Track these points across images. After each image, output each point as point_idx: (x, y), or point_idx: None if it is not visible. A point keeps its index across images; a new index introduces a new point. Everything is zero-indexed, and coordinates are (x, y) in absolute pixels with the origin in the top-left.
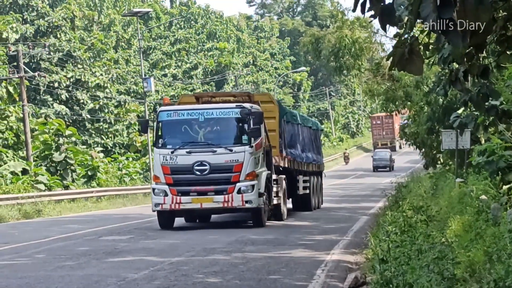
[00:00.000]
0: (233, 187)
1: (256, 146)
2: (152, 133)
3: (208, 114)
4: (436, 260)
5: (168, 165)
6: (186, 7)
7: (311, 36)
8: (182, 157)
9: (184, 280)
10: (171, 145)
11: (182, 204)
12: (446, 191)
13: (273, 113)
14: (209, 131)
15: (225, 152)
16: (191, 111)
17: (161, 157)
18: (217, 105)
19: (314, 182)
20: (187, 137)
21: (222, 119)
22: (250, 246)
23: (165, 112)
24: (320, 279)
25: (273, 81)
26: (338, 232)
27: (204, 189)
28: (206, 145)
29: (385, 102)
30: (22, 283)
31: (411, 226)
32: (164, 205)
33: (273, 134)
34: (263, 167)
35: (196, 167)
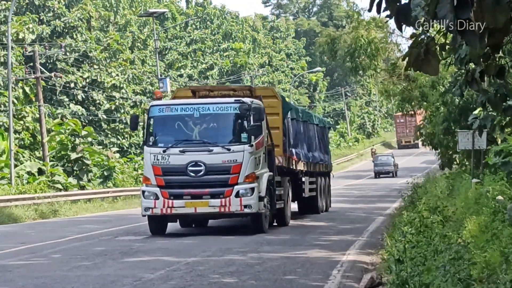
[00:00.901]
0: (231, 190)
1: (256, 145)
2: (143, 130)
3: (204, 110)
4: (452, 260)
5: (159, 166)
6: (202, 8)
7: (327, 37)
8: (174, 157)
9: (200, 281)
10: (162, 143)
11: (174, 208)
12: (462, 191)
13: (276, 109)
14: (205, 128)
15: (222, 151)
16: (185, 106)
17: (152, 157)
18: (214, 99)
19: (321, 184)
20: (180, 134)
21: (219, 115)
22: (266, 247)
23: (156, 107)
24: (336, 280)
25: (289, 81)
26: (354, 232)
27: (199, 192)
28: (202, 144)
29: (401, 103)
30: (39, 283)
31: (427, 226)
32: (154, 209)
33: (276, 132)
34: (265, 168)
35: (190, 167)
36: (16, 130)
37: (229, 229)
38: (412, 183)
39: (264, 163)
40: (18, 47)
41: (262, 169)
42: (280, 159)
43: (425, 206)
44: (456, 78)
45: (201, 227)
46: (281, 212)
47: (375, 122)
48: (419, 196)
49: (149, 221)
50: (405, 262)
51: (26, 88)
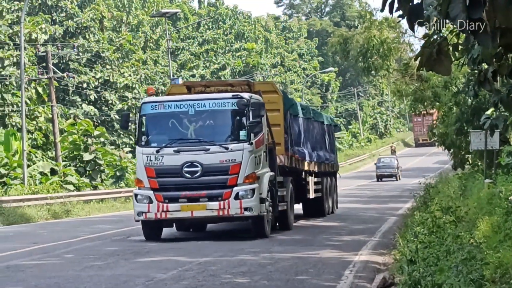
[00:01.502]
0: (230, 192)
1: (256, 143)
2: (134, 129)
3: (200, 106)
4: (465, 261)
5: (152, 167)
6: (214, 8)
7: (339, 37)
8: (169, 157)
9: (212, 281)
10: (156, 143)
11: (169, 212)
12: (474, 191)
13: (277, 105)
14: (200, 126)
15: (219, 150)
16: (179, 103)
17: (145, 157)
18: (210, 95)
19: (327, 184)
20: (174, 133)
21: (216, 112)
22: (277, 247)
23: (148, 104)
24: (348, 280)
25: (301, 81)
26: (366, 232)
27: (196, 195)
28: (198, 143)
29: (414, 103)
30: (51, 282)
31: (439, 227)
32: (148, 213)
33: (278, 130)
34: (266, 167)
35: (185, 168)
36: (29, 130)
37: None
38: (425, 184)
39: (265, 162)
40: (31, 48)
41: (262, 169)
42: (282, 158)
43: (438, 206)
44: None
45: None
46: (284, 215)
47: (388, 122)
48: (432, 196)
49: (142, 226)
50: (418, 263)
51: (39, 89)
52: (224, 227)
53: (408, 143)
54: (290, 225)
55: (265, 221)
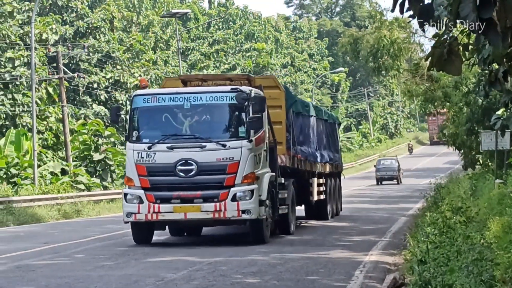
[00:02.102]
0: (227, 193)
1: (256, 141)
2: (125, 123)
3: (196, 100)
4: (475, 261)
5: (143, 164)
6: (224, 8)
7: (349, 37)
8: (161, 154)
9: (223, 281)
10: (148, 138)
11: (161, 214)
12: (485, 192)
13: (278, 101)
14: (196, 121)
15: (216, 147)
16: (174, 96)
17: (135, 154)
18: (207, 88)
19: (331, 186)
20: (168, 128)
21: (213, 106)
22: (288, 247)
23: (140, 96)
24: (359, 280)
25: (311, 81)
26: (377, 233)
27: (190, 195)
28: (193, 139)
29: (424, 103)
30: (62, 282)
31: (450, 227)
32: (138, 215)
33: (279, 128)
34: (266, 167)
35: (179, 166)
36: (39, 131)
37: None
38: (435, 184)
39: (265, 162)
40: (42, 48)
41: (262, 169)
42: (283, 158)
43: (448, 206)
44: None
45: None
46: (284, 219)
47: (398, 122)
48: (442, 196)
49: (132, 228)
50: (428, 263)
51: (50, 89)
52: (221, 231)
53: (422, 141)
54: (291, 230)
55: (264, 225)
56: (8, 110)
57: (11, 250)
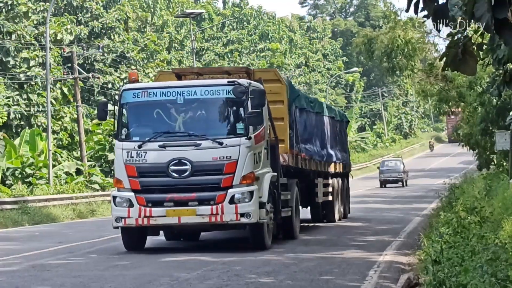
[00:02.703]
0: (224, 195)
1: (256, 138)
2: (113, 120)
3: (190, 94)
4: (490, 261)
5: (133, 164)
6: (238, 8)
7: (363, 37)
8: (153, 153)
9: (237, 280)
10: (138, 136)
11: (152, 218)
12: (500, 192)
13: (280, 96)
14: (191, 117)
15: (212, 146)
16: (166, 90)
17: (125, 153)
18: (202, 81)
19: (338, 187)
20: (160, 125)
21: (209, 101)
22: (302, 247)
23: (130, 91)
24: (373, 280)
25: (326, 81)
26: (391, 233)
27: (184, 198)
28: (187, 137)
29: (438, 103)
30: (76, 282)
31: (464, 227)
32: (128, 219)
33: (281, 124)
34: (267, 167)
35: (172, 166)
36: (54, 131)
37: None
38: (450, 184)
39: (266, 161)
40: (57, 48)
41: (263, 168)
42: (286, 157)
43: (462, 206)
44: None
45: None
46: (288, 222)
47: (412, 122)
48: (457, 196)
49: (122, 234)
50: (442, 263)
51: (64, 89)
52: (221, 236)
53: (441, 139)
54: (295, 234)
55: (265, 230)
56: (23, 110)
57: (26, 250)
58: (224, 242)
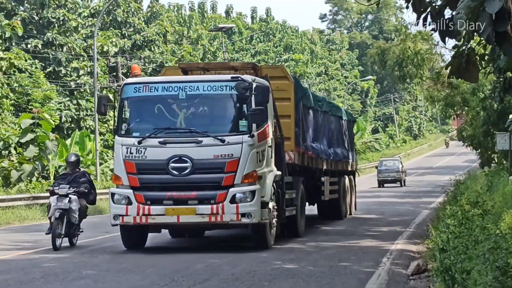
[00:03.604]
0: (225, 194)
1: (259, 136)
2: (113, 115)
3: (192, 89)
4: (491, 250)
5: (133, 161)
6: (265, 23)
7: (377, 48)
8: (153, 150)
9: (264, 266)
10: (138, 132)
11: (151, 216)
12: (500, 187)
13: (287, 93)
14: (192, 113)
15: (214, 143)
16: (168, 85)
17: (124, 149)
18: (205, 76)
19: (344, 185)
20: (161, 121)
21: (212, 97)
22: (323, 236)
23: (131, 85)
24: (386, 266)
25: (343, 88)
26: (402, 224)
27: (184, 196)
28: (188, 133)
29: (445, 108)
30: (121, 267)
31: (468, 219)
32: (126, 217)
33: (287, 122)
34: (270, 165)
35: (172, 164)
36: (101, 132)
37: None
38: (455, 180)
39: (270, 159)
40: (103, 59)
41: (266, 167)
42: (292, 155)
43: (466, 200)
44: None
45: None
46: (293, 221)
47: (421, 125)
48: (461, 191)
49: (121, 232)
50: (448, 251)
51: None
52: (226, 233)
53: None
54: (300, 233)
55: (267, 230)
56: (73, 114)
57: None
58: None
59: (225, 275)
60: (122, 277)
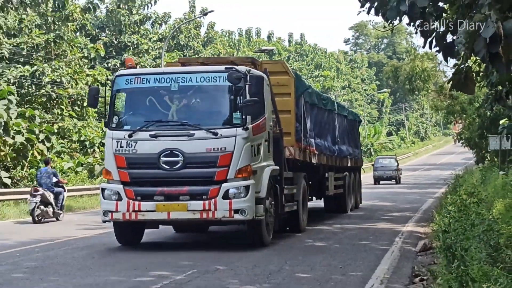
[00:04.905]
0: (218, 189)
1: (254, 129)
2: (104, 107)
3: (185, 81)
4: (485, 231)
5: (123, 155)
6: (299, 45)
7: (391, 66)
8: (143, 143)
9: (299, 242)
10: (129, 125)
11: (141, 213)
12: (492, 180)
13: (287, 88)
14: (185, 105)
15: (206, 136)
16: (160, 76)
17: (114, 143)
18: (198, 67)
19: (350, 180)
20: (152, 113)
21: (205, 88)
22: (346, 220)
23: (123, 77)
24: (398, 244)
25: (363, 99)
26: (411, 210)
27: (175, 191)
28: (180, 126)
29: (446, 115)
30: (149, 261)
31: (466, 206)
32: (115, 213)
33: (287, 117)
34: (268, 160)
35: (163, 158)
36: None
37: (315, 205)
38: (455, 174)
39: (267, 154)
40: None
41: (263, 162)
42: (292, 150)
43: (464, 191)
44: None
45: None
46: (295, 216)
47: (427, 129)
48: (460, 184)
49: (114, 227)
50: (450, 232)
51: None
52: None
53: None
54: (302, 227)
55: (263, 226)
56: None
57: None
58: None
59: (267, 250)
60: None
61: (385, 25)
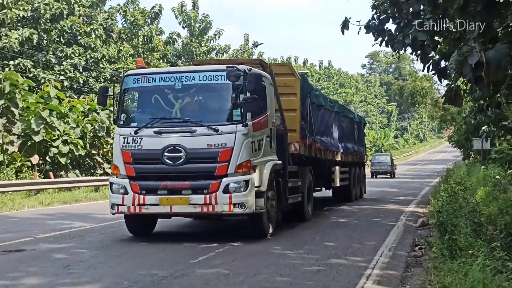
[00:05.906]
0: (218, 184)
1: (254, 125)
2: (113, 106)
3: (188, 80)
4: (470, 212)
5: (129, 150)
6: (327, 69)
7: (397, 85)
8: (148, 139)
9: (326, 219)
10: (136, 122)
11: (144, 206)
12: (475, 173)
13: (293, 89)
14: (188, 103)
15: (207, 132)
16: (165, 76)
17: (121, 139)
18: (200, 67)
19: (354, 173)
20: (157, 111)
21: (207, 86)
22: (363, 202)
23: (131, 76)
24: (402, 221)
25: (376, 110)
26: (412, 195)
27: (177, 186)
28: (183, 123)
29: (440, 122)
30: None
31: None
32: (121, 206)
33: (293, 115)
34: (269, 155)
35: (167, 153)
36: None
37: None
38: (446, 168)
39: (269, 149)
40: None
41: (264, 157)
42: (297, 146)
43: (453, 181)
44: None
45: None
46: (300, 207)
47: (425, 133)
48: (450, 175)
49: (125, 219)
50: (442, 212)
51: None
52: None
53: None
54: (307, 217)
55: (264, 218)
56: None
57: None
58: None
59: (303, 224)
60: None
61: (393, 54)
